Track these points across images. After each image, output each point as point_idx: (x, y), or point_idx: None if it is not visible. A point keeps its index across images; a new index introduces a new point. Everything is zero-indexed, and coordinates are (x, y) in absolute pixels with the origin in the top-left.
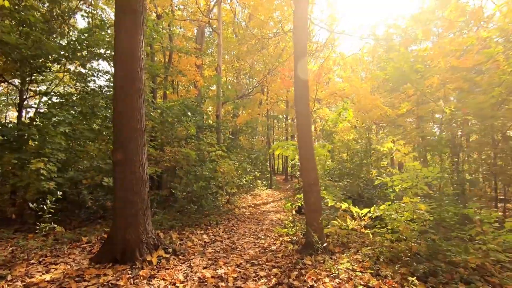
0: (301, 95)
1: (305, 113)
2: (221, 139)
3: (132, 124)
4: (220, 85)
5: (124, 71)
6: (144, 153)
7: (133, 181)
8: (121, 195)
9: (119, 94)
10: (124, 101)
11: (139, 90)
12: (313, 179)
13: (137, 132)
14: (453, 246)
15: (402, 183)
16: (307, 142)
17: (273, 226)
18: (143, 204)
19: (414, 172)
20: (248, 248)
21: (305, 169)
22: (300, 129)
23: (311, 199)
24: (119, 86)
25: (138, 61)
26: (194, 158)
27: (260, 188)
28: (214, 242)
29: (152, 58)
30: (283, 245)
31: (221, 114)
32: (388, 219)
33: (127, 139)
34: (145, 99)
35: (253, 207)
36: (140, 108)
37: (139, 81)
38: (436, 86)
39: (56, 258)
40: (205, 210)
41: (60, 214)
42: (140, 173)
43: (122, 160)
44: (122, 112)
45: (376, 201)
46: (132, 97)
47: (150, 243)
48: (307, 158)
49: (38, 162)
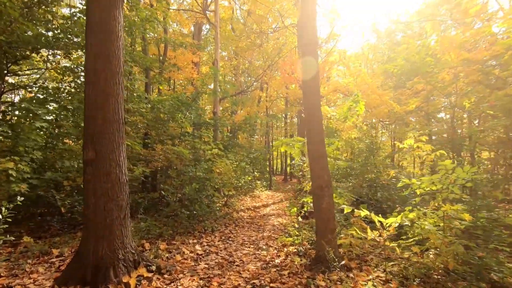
0: (311, 82)
1: (315, 103)
2: (218, 137)
3: (106, 115)
4: (217, 79)
5: (97, 49)
6: (122, 150)
7: (108, 184)
8: (93, 201)
9: (90, 78)
10: (97, 86)
11: (115, 74)
12: (325, 181)
13: (113, 124)
14: (498, 263)
15: (431, 186)
16: (318, 138)
17: (276, 233)
18: (121, 212)
19: (445, 173)
20: (247, 261)
21: (315, 168)
22: (309, 122)
23: (322, 205)
24: (91, 69)
25: (114, 38)
26: (187, 157)
27: (260, 189)
28: (208, 255)
29: (145, 51)
30: (288, 258)
31: (218, 110)
32: (420, 229)
33: (100, 133)
34: (124, 86)
35: (253, 210)
36: (117, 95)
37: (116, 62)
38: (449, 80)
39: (13, 278)
40: (199, 215)
41: (35, 221)
42: (117, 174)
43: (93, 158)
44: (94, 99)
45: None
46: (107, 81)
47: (129, 259)
48: (318, 156)
49: (7, 161)
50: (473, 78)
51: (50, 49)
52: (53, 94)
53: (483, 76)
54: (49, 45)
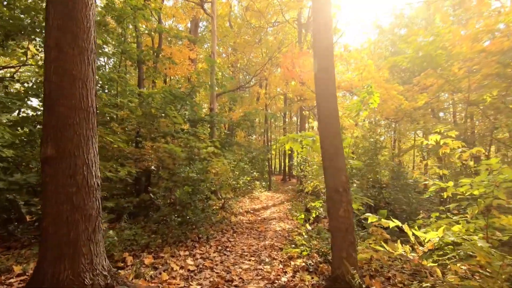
0: (324, 64)
1: (331, 91)
2: (215, 134)
3: (71, 101)
4: (214, 72)
5: (60, 20)
6: (92, 145)
7: (73, 189)
8: (53, 210)
9: (51, 56)
10: (59, 66)
11: (84, 50)
12: (342, 183)
13: (79, 113)
14: None
15: (472, 190)
16: (334, 132)
17: (279, 241)
18: (89, 223)
19: (487, 174)
20: (248, 280)
21: (330, 167)
22: (322, 112)
23: (339, 211)
24: (52, 44)
25: (82, 6)
26: (180, 156)
27: (259, 190)
28: (202, 271)
29: (139, 43)
30: (297, 275)
31: (215, 106)
32: (466, 245)
33: (62, 124)
34: (96, 66)
35: (252, 213)
36: (86, 77)
37: (84, 36)
38: (462, 73)
39: None
40: (192, 222)
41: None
42: (84, 176)
43: (54, 156)
44: (56, 82)
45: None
46: (73, 60)
47: (99, 284)
48: (334, 153)
49: None
50: (487, 71)
51: (26, 36)
52: (36, 88)
53: (501, 69)
54: (24, 32)
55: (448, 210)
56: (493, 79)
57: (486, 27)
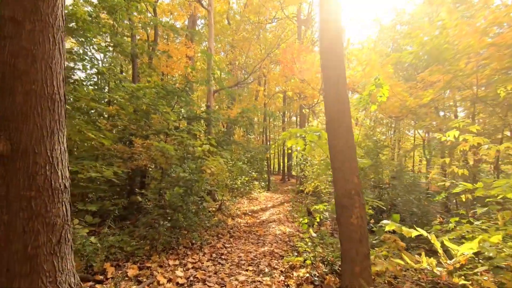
0: (332, 46)
1: (341, 79)
2: (212, 132)
3: (30, 86)
4: (211, 65)
5: None
6: (59, 140)
7: (31, 192)
8: (5, 218)
9: (7, 31)
10: (16, 44)
11: (47, 26)
12: (354, 186)
13: (41, 101)
14: None
15: (505, 193)
16: (345, 127)
17: (279, 246)
18: (53, 234)
19: None
20: None
21: (341, 168)
22: (329, 102)
23: (350, 218)
24: (8, 17)
25: None
26: (173, 155)
27: (258, 191)
28: (192, 285)
29: (133, 38)
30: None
31: (212, 103)
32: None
33: (19, 114)
34: (65, 46)
35: (250, 215)
36: (51, 57)
37: (49, 10)
38: (470, 68)
39: None
40: (184, 227)
41: None
42: (47, 177)
43: (7, 153)
44: (12, 63)
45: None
46: (34, 36)
47: None
48: (345, 151)
49: None
50: (496, 66)
51: None
52: None
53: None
54: None
55: (471, 215)
56: (504, 74)
57: (495, 19)
